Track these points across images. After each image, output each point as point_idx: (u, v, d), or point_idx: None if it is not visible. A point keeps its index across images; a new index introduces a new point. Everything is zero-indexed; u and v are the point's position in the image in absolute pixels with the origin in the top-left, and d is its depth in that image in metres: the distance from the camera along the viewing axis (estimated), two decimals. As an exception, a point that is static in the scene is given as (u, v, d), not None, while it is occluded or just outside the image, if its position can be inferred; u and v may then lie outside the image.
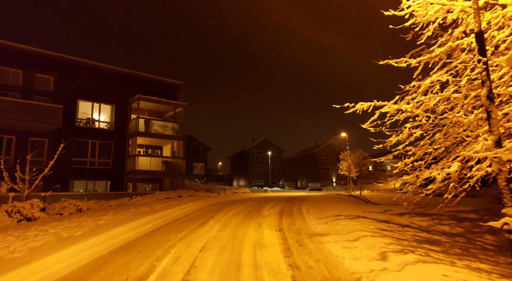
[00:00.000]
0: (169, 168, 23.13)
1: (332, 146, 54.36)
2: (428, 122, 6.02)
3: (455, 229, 8.60)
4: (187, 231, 7.84)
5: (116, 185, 21.48)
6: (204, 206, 13.63)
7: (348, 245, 5.93)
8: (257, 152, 52.22)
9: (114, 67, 22.81)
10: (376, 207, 12.61)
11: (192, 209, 12.46)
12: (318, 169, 52.05)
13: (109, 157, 21.61)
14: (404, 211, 10.49)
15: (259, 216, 10.40)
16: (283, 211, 11.77)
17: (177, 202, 13.69)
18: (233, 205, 14.22)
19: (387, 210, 10.64)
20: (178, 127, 24.80)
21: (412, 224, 8.63)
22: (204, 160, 53.77)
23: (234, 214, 11.05)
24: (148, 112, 25.03)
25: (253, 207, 13.13)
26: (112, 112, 22.50)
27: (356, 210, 10.56)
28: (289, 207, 13.37)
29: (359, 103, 6.73)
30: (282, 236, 7.22)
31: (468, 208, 10.94)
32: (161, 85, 25.69)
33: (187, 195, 18.33)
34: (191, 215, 10.96)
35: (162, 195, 16.25)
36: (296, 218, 9.94)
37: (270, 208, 12.66)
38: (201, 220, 9.59)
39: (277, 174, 52.44)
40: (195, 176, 50.99)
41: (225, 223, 8.97)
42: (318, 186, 44.78)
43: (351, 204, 13.26)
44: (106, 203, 12.89)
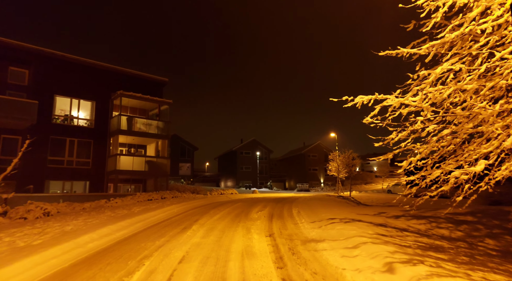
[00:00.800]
0: (153, 168, 22.13)
1: (320, 147, 54.11)
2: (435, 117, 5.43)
3: (455, 233, 8.10)
4: (167, 238, 7.03)
5: (96, 186, 20.34)
6: (189, 208, 12.80)
7: (348, 254, 5.26)
8: (245, 152, 51.44)
9: (95, 62, 21.68)
10: (368, 209, 12.06)
11: (175, 212, 11.62)
12: (306, 169, 51.66)
13: (88, 156, 20.46)
14: (399, 213, 9.95)
15: (248, 220, 9.66)
16: (272, 214, 11.07)
17: (159, 204, 12.81)
18: (219, 207, 13.44)
19: (381, 213, 10.07)
20: (163, 125, 23.82)
21: (410, 228, 8.08)
22: (190, 160, 52.67)
23: (220, 217, 10.28)
24: (131, 110, 23.95)
25: (241, 209, 12.39)
26: (93, 109, 21.34)
27: (349, 213, 9.95)
28: (279, 209, 12.68)
29: (358, 97, 6.10)
30: (273, 242, 6.51)
31: (464, 210, 10.50)
32: (146, 82, 24.64)
33: (171, 197, 17.43)
34: (173, 218, 10.13)
35: (143, 197, 15.30)
36: (287, 222, 9.25)
37: (259, 210, 11.94)
38: (184, 224, 8.78)
39: (265, 175, 51.78)
40: (181, 176, 49.83)
41: (210, 228, 8.19)
42: (306, 187, 44.34)
43: (343, 206, 12.67)
44: (79, 205, 11.88)
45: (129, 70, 23.66)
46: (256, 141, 53.13)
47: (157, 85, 25.51)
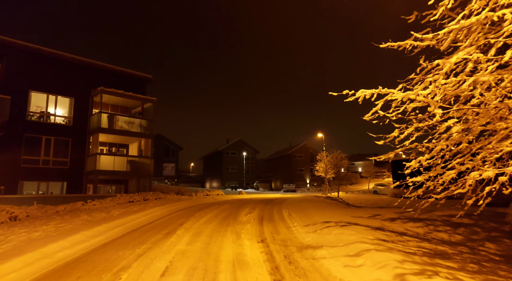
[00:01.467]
0: (135, 168, 21.18)
1: (306, 147, 53.99)
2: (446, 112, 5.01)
3: (454, 237, 7.78)
4: (149, 245, 6.35)
5: (74, 187, 19.22)
6: (173, 211, 12.07)
7: (351, 263, 4.75)
8: (231, 153, 50.70)
9: (73, 56, 20.52)
10: (360, 210, 11.68)
11: (159, 215, 10.88)
12: (292, 170, 51.39)
13: (66, 155, 19.32)
14: (394, 216, 9.59)
15: (236, 223, 9.06)
16: (262, 216, 10.50)
17: (141, 206, 12.03)
18: (206, 209, 12.77)
19: (376, 215, 9.68)
20: (147, 124, 22.86)
21: (409, 232, 7.70)
22: (175, 160, 51.49)
23: (207, 220, 9.63)
24: (113, 107, 22.90)
25: (228, 212, 11.76)
26: (71, 106, 20.19)
27: (343, 215, 9.51)
28: (268, 211, 12.13)
29: (360, 91, 5.64)
30: (266, 249, 5.94)
31: (459, 211, 10.23)
32: (128, 78, 23.60)
33: (154, 198, 16.60)
34: (156, 222, 9.41)
35: (124, 198, 14.44)
36: (279, 225, 8.70)
37: (248, 213, 11.35)
38: (167, 229, 8.09)
39: (251, 175, 51.19)
40: (165, 177, 48.63)
41: (197, 233, 7.55)
42: (292, 187, 44.01)
43: (334, 208, 12.26)
44: (53, 208, 10.96)
45: (111, 66, 22.59)
46: (242, 141, 52.50)
47: (141, 82, 24.50)
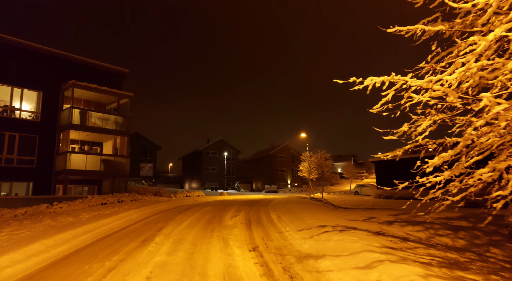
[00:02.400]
0: (110, 168, 19.81)
1: (288, 148, 53.66)
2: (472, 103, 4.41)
3: (457, 241, 7.28)
4: (122, 255, 5.39)
5: (41, 188, 17.63)
6: (151, 214, 11.03)
7: (364, 278, 4.04)
8: (211, 153, 49.47)
9: (42, 47, 18.93)
10: (351, 212, 11.11)
11: (134, 218, 9.83)
12: (274, 170, 50.85)
13: (33, 153, 17.72)
14: (390, 219, 9.05)
15: (222, 227, 8.19)
16: (249, 219, 9.69)
17: (115, 209, 10.91)
18: (186, 211, 11.80)
19: (371, 218, 9.11)
20: (123, 121, 21.52)
21: (411, 236, 7.13)
22: (153, 160, 49.70)
23: (189, 224, 8.70)
24: (86, 103, 21.38)
25: (212, 214, 10.86)
26: (39, 100, 18.58)
27: (337, 218, 8.86)
28: (255, 213, 11.33)
29: (369, 78, 4.98)
30: (260, 260, 5.13)
31: (454, 214, 9.91)
32: (103, 72, 22.14)
33: (130, 200, 15.41)
34: (131, 227, 8.38)
35: (96, 200, 13.20)
36: (270, 230, 7.91)
37: (233, 216, 10.50)
38: (144, 235, 7.12)
39: (232, 176, 50.15)
40: (142, 177, 46.76)
41: (178, 239, 6.63)
42: (274, 188, 43.43)
43: (324, 210, 11.64)
44: (11, 212, 9.65)
45: (84, 59, 21.08)
46: (223, 141, 51.41)
47: (116, 77, 23.08)
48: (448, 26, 5.54)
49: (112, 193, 19.52)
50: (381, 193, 22.85)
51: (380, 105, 5.16)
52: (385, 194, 22.50)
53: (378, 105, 5.17)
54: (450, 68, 4.03)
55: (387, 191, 22.79)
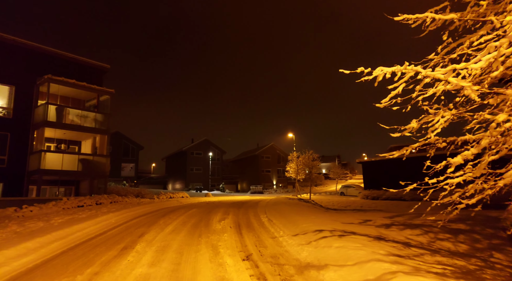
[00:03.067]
0: (88, 168, 18.74)
1: (273, 148, 53.27)
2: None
3: (459, 246, 6.93)
4: (97, 267, 4.69)
5: (12, 189, 16.42)
6: (132, 217, 10.24)
7: (379, 292, 3.52)
8: (196, 153, 48.40)
9: (16, 38, 17.68)
10: (344, 215, 10.68)
11: (113, 223, 9.04)
12: (259, 171, 50.32)
13: (3, 152, 16.49)
14: (386, 221, 8.65)
15: (210, 232, 7.55)
16: (239, 223, 9.07)
17: (92, 212, 10.07)
18: (170, 214, 11.06)
19: (367, 221, 8.68)
20: (103, 118, 20.47)
21: (412, 241, 6.72)
22: (135, 160, 48.22)
23: (174, 229, 8.01)
24: (63, 99, 20.19)
25: (198, 217, 10.18)
26: (11, 95, 17.34)
27: (331, 221, 8.38)
28: (243, 216, 10.72)
29: (378, 68, 4.51)
30: (256, 271, 4.54)
31: (451, 216, 9.60)
32: (82, 67, 21.03)
33: (110, 202, 14.49)
34: (109, 232, 7.62)
35: (72, 202, 12.25)
36: (262, 235, 7.33)
37: (221, 219, 9.85)
38: (123, 242, 6.40)
39: (217, 177, 49.24)
40: (124, 178, 45.22)
41: (162, 247, 5.96)
42: (260, 189, 42.89)
43: (315, 212, 11.17)
44: (-29, 217, 8.68)
45: (61, 52, 19.91)
46: (208, 140, 50.45)
47: (97, 72, 21.99)
48: (459, 15, 5.10)
49: (91, 194, 18.45)
50: (368, 194, 22.71)
51: (389, 99, 4.69)
52: (372, 195, 22.38)
53: (387, 99, 4.70)
54: (484, 51, 3.57)
55: (374, 192, 22.72)
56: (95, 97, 20.89)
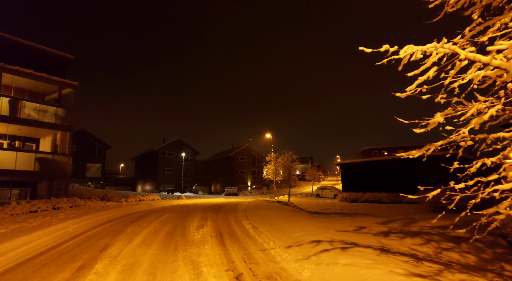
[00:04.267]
0: (47, 168, 16.87)
1: (249, 149, 52.34)
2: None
3: (467, 257, 6.31)
4: (38, 300, 3.48)
5: (-47, 191, 14.31)
6: (94, 225, 8.86)
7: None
8: (168, 153, 46.35)
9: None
10: (332, 220, 9.93)
11: (71, 232, 7.66)
12: (234, 172, 49.14)
13: None
14: (382, 229, 7.94)
15: (188, 243, 6.44)
16: (220, 231, 8.00)
17: (47, 219, 8.59)
18: (140, 220, 9.78)
19: (361, 228, 7.93)
20: (65, 113, 18.60)
21: (418, 253, 6.00)
22: (101, 160, 45.40)
23: (144, 239, 6.81)
24: (18, 91, 18.10)
25: (172, 224, 8.99)
26: (-45, 84, 15.20)
27: (325, 229, 7.55)
28: (224, 222, 9.65)
29: (406, 47, 3.73)
30: (254, 300, 3.55)
31: (444, 222, 9.11)
32: (42, 57, 19.04)
33: (70, 206, 12.87)
34: (65, 245, 6.30)
35: (23, 207, 10.58)
36: (249, 246, 6.32)
37: (199, 226, 8.73)
38: (80, 259, 5.16)
39: (190, 178, 47.43)
40: (89, 179, 42.39)
41: (130, 265, 4.80)
42: (234, 191, 41.73)
43: (301, 216, 10.33)
44: None
45: (17, 39, 17.85)
46: (181, 140, 48.53)
47: (59, 63, 20.03)
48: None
49: (50, 197, 16.56)
50: (347, 196, 22.34)
51: (415, 86, 3.89)
52: (351, 197, 22.03)
53: (413, 85, 3.89)
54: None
55: (352, 194, 22.40)
56: (56, 91, 18.98)
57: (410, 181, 19.64)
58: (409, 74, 3.92)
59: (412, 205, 16.55)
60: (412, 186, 17.24)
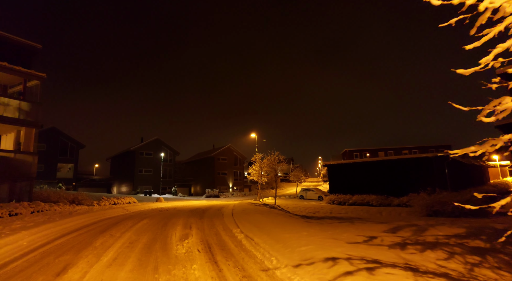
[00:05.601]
0: (7, 168, 15.06)
1: (230, 150, 51.05)
2: None
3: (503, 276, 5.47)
4: None
5: None
6: (56, 235, 7.44)
7: None
8: (146, 153, 44.26)
9: None
10: (332, 227, 8.95)
11: (25, 246, 6.25)
12: (215, 173, 47.67)
13: None
14: (395, 239, 6.99)
15: (171, 261, 5.23)
16: (208, 242, 6.82)
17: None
18: (113, 229, 8.42)
19: (372, 238, 6.98)
20: (30, 108, 16.80)
21: (449, 271, 5.06)
22: (74, 160, 42.81)
23: (116, 256, 5.53)
24: (-25, 81, 16.13)
25: (151, 234, 7.71)
26: None
27: (332, 240, 6.52)
28: (211, 230, 8.44)
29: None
30: None
31: (459, 229, 8.35)
32: (4, 45, 17.12)
33: (31, 211, 11.26)
34: (10, 266, 4.93)
35: (-30, 215, 8.94)
36: (247, 264, 5.18)
37: (183, 236, 7.49)
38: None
39: (169, 179, 45.51)
40: (60, 180, 39.77)
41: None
42: (216, 192, 40.31)
43: (297, 223, 9.29)
44: None
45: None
46: (159, 140, 46.54)
47: (24, 52, 18.15)
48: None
49: (11, 200, 14.73)
50: (335, 199, 21.61)
51: (493, 56, 2.92)
52: (339, 199, 21.31)
53: (490, 56, 2.92)
54: None
55: (340, 196, 21.68)
56: (21, 82, 17.17)
57: (400, 183, 19.15)
58: (468, 47, 2.95)
59: (404, 208, 15.96)
60: (402, 188, 16.52)
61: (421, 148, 55.93)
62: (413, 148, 56.44)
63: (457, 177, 19.42)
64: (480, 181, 26.14)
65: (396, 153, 55.42)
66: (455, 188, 16.90)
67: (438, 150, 53.15)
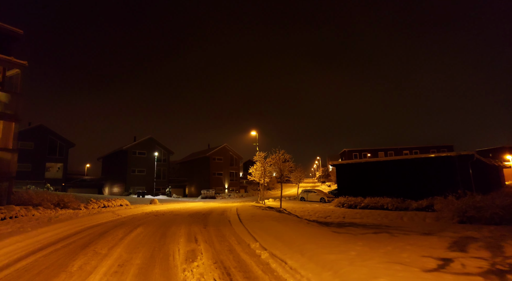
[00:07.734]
0: (-20, 166, 13.19)
1: (226, 149, 49.24)
2: None
3: None
4: None
5: None
6: (22, 254, 5.69)
7: None
8: (139, 152, 42.22)
9: None
10: (371, 240, 7.34)
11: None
12: (210, 174, 45.82)
13: None
14: (476, 263, 5.40)
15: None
16: (226, 267, 5.12)
17: None
18: (98, 243, 6.69)
19: (446, 260, 5.37)
20: (9, 99, 15.07)
21: None
22: (63, 160, 40.67)
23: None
24: None
25: (147, 250, 6.00)
26: None
27: (399, 266, 4.90)
28: (221, 244, 6.76)
29: None
30: None
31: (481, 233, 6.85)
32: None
33: (2, 218, 9.43)
34: None
35: None
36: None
37: (189, 253, 5.79)
38: None
39: (163, 179, 43.50)
40: (49, 180, 37.58)
41: None
42: (212, 194, 38.52)
43: (327, 234, 7.64)
44: None
45: None
46: (153, 139, 44.52)
47: (4, 38, 16.26)
48: None
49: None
50: (344, 201, 20.02)
51: None
52: (349, 202, 19.71)
53: None
54: None
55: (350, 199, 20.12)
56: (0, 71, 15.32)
57: (418, 185, 17.61)
58: None
59: (426, 213, 14.41)
60: (420, 190, 14.62)
61: (421, 148, 54.83)
62: (414, 148, 55.32)
63: (479, 178, 17.99)
64: (497, 183, 24.83)
65: (396, 153, 54.23)
66: (479, 190, 15.44)
67: (439, 150, 52.09)
